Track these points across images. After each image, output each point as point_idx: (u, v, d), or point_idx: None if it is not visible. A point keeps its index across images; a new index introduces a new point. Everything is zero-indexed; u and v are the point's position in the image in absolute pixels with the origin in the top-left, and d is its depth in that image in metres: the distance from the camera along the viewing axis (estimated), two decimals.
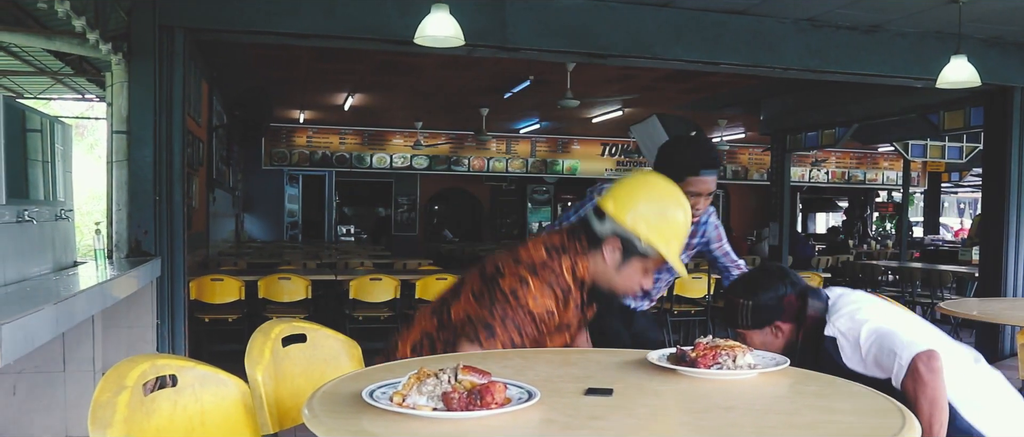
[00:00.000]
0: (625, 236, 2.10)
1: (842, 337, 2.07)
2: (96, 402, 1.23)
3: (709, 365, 1.60)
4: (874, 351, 1.98)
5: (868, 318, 2.06)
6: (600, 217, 2.14)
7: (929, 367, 1.86)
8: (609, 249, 2.12)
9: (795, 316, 2.21)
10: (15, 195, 3.35)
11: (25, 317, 2.22)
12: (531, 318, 2.05)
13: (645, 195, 2.14)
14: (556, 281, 2.09)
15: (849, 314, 2.10)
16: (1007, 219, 6.79)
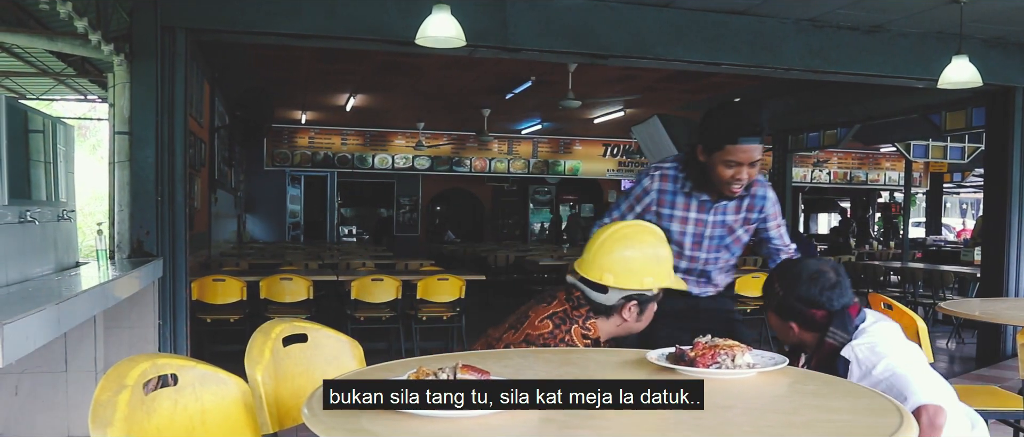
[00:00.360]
0: (640, 296, 2.19)
1: (856, 363, 2.05)
2: (97, 401, 1.23)
3: (708, 365, 1.60)
4: (883, 387, 1.94)
5: (888, 353, 2.02)
6: (600, 289, 2.18)
7: (932, 423, 1.86)
8: (627, 311, 2.19)
9: (815, 329, 2.18)
10: (17, 196, 3.36)
11: (27, 317, 2.23)
12: None
13: (633, 251, 2.19)
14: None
15: (871, 345, 2.05)
16: (1009, 220, 6.78)
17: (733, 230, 2.77)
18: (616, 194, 16.84)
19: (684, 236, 2.74)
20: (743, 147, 2.51)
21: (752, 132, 2.52)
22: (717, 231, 2.74)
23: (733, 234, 2.77)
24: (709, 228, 2.74)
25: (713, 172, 2.58)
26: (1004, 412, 3.04)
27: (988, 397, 3.20)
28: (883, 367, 1.98)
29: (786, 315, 2.21)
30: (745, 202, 2.75)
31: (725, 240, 2.77)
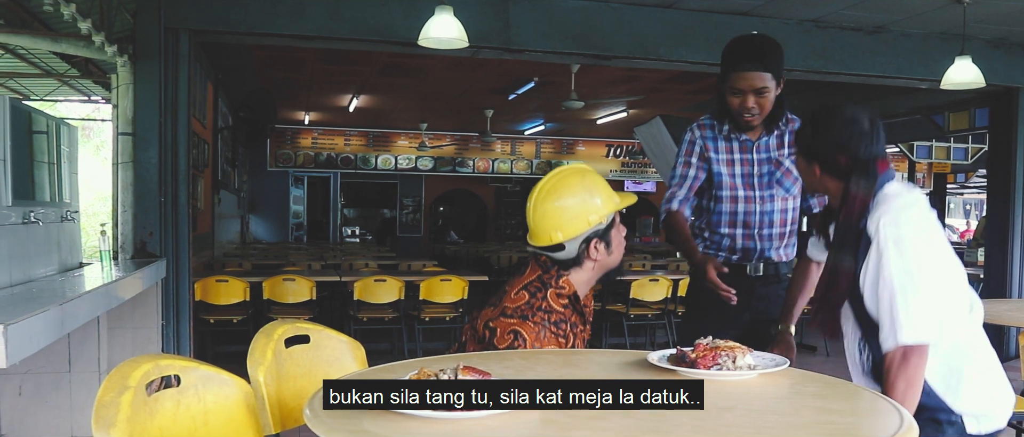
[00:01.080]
0: (595, 233, 2.13)
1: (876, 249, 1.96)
2: (100, 402, 1.24)
3: (709, 366, 1.60)
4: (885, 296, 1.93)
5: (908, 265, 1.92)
6: (558, 249, 2.14)
7: (915, 362, 1.88)
8: (594, 252, 2.15)
9: (839, 176, 2.08)
10: (21, 197, 3.38)
11: (31, 318, 2.24)
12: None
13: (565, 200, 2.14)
14: (548, 317, 2.10)
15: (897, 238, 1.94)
16: (1012, 221, 6.78)
17: (780, 163, 2.78)
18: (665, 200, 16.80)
19: (734, 178, 2.79)
20: (742, 75, 2.61)
21: (749, 58, 2.61)
22: (764, 168, 2.78)
23: (781, 167, 2.79)
24: (756, 166, 2.78)
25: (726, 104, 2.71)
26: None
27: None
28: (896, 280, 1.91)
29: (812, 156, 2.12)
30: (787, 137, 2.81)
31: (775, 175, 2.78)
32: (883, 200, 2.00)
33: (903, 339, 1.88)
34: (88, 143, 15.42)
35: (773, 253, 2.83)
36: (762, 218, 2.79)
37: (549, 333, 2.07)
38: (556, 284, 2.15)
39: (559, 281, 2.15)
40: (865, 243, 1.97)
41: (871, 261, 1.95)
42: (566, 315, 2.14)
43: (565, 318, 2.13)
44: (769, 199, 2.79)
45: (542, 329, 2.06)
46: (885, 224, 1.94)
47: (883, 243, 1.93)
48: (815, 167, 2.12)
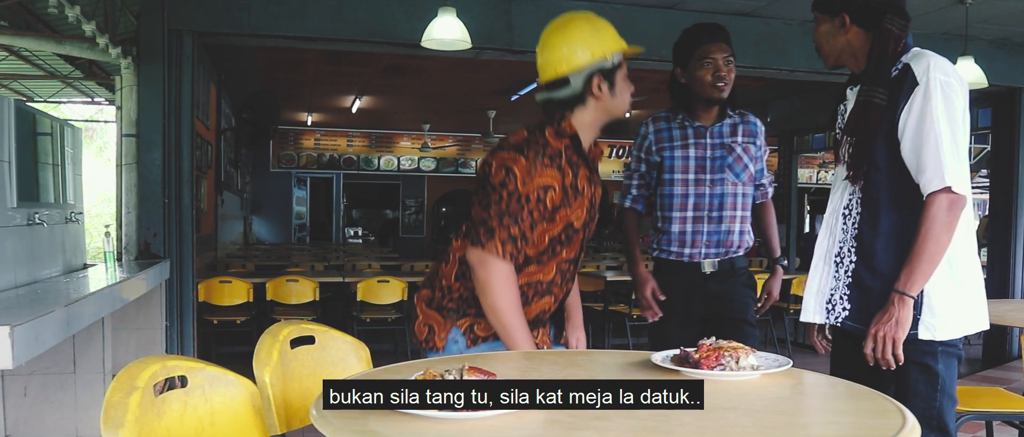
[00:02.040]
0: (600, 68, 2.12)
1: (923, 91, 1.93)
2: (108, 402, 1.25)
3: (713, 366, 1.61)
4: (925, 143, 1.90)
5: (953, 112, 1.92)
6: (563, 84, 2.13)
7: (956, 213, 1.89)
8: (597, 89, 2.12)
9: (869, 21, 2.05)
10: (26, 198, 3.39)
11: (37, 319, 2.25)
12: (526, 202, 2.02)
13: (575, 31, 2.17)
14: (543, 151, 2.07)
15: (945, 83, 1.93)
16: (1015, 221, 6.78)
17: (732, 149, 2.97)
18: (621, 195, 16.88)
19: (687, 161, 2.97)
20: (712, 46, 2.87)
21: (714, 32, 2.90)
22: (717, 152, 2.96)
23: (733, 153, 2.97)
24: (708, 150, 2.97)
25: (696, 84, 2.92)
26: (1009, 414, 3.04)
27: (993, 398, 3.20)
28: (942, 124, 1.90)
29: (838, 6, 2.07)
30: (740, 127, 3.01)
31: (727, 159, 2.96)
32: (923, 53, 1.98)
33: (949, 181, 1.88)
34: (91, 144, 15.45)
35: (724, 238, 2.98)
36: (711, 200, 2.96)
37: (542, 165, 2.04)
38: (557, 125, 2.13)
39: (561, 122, 2.13)
40: (909, 85, 1.95)
41: (916, 103, 1.93)
42: (568, 155, 2.11)
43: (558, 156, 2.09)
44: (719, 183, 2.96)
45: (535, 163, 2.04)
46: (934, 67, 1.93)
47: (931, 86, 1.91)
48: (843, 17, 2.07)
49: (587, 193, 2.17)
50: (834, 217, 2.11)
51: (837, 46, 2.12)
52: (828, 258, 2.11)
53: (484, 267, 2.03)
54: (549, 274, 2.17)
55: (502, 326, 2.05)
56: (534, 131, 2.12)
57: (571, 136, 2.13)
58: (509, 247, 2.02)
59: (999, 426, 3.57)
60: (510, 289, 2.04)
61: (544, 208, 2.05)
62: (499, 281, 2.03)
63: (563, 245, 2.16)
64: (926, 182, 1.91)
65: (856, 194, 2.06)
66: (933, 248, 1.87)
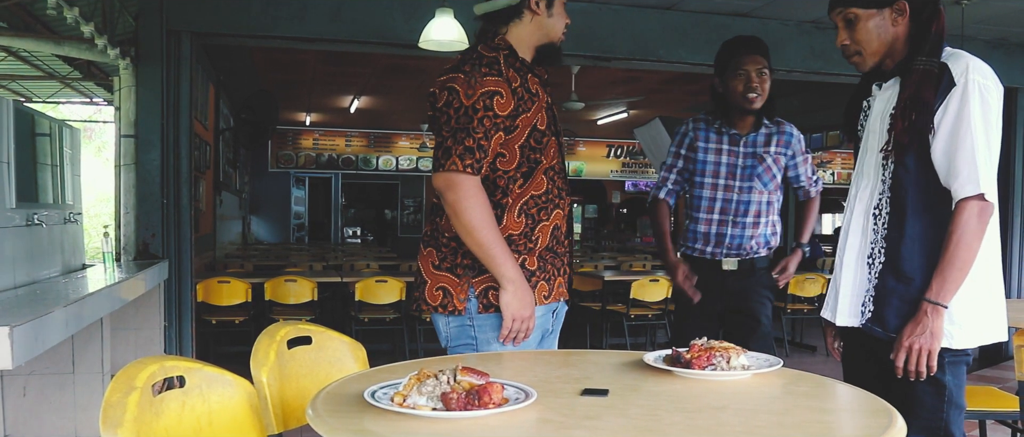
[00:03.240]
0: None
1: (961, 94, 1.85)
2: (107, 402, 1.27)
3: (704, 366, 1.63)
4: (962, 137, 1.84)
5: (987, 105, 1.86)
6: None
7: (986, 221, 1.85)
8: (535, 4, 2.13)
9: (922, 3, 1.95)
10: (25, 199, 3.40)
11: (36, 320, 2.27)
12: (474, 113, 2.00)
13: None
14: (478, 62, 2.06)
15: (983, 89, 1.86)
16: (1011, 220, 6.80)
17: (763, 159, 3.12)
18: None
19: (719, 167, 3.13)
20: (748, 57, 3.00)
21: (750, 46, 3.02)
22: (748, 161, 3.11)
23: (763, 163, 3.12)
24: (740, 158, 3.12)
25: (730, 94, 3.05)
26: (1002, 413, 3.06)
27: (987, 398, 3.22)
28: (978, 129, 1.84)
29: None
30: (774, 138, 3.15)
31: (756, 169, 3.11)
32: (960, 54, 1.92)
33: (983, 188, 1.83)
34: (89, 145, 15.46)
35: (746, 242, 3.13)
36: (738, 206, 3.10)
37: (480, 75, 2.02)
38: (491, 41, 2.15)
39: (494, 38, 2.15)
40: (946, 84, 1.87)
41: (953, 104, 1.86)
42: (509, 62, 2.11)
43: (495, 63, 2.07)
44: (747, 190, 3.11)
45: (473, 75, 2.03)
46: (973, 69, 1.87)
47: (970, 88, 1.85)
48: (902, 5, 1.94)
49: (543, 97, 2.17)
50: (866, 217, 2.04)
51: (887, 42, 1.98)
52: (861, 259, 2.04)
53: (449, 188, 2.01)
54: (541, 186, 2.15)
55: (478, 244, 2.01)
56: (469, 52, 2.14)
57: (507, 48, 2.14)
58: (468, 159, 1.99)
59: (992, 425, 3.59)
60: (479, 203, 2.00)
61: (494, 114, 2.02)
62: (465, 196, 1.99)
63: (537, 151, 2.13)
64: (959, 187, 1.86)
65: (886, 194, 1.99)
66: (966, 255, 1.83)
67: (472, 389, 1.33)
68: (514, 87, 2.08)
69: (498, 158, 2.08)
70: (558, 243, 2.23)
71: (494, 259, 2.00)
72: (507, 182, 2.09)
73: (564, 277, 2.27)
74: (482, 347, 2.13)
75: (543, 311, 2.18)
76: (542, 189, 2.16)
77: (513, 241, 2.11)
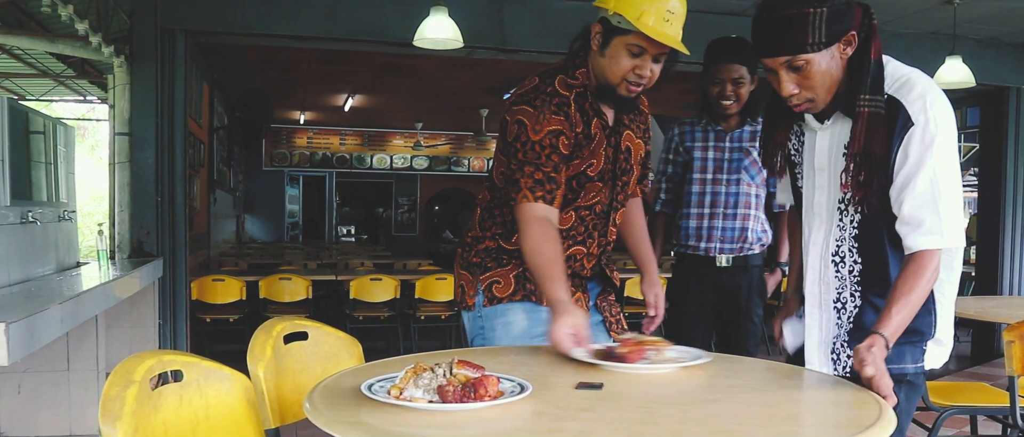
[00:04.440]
0: (605, 17, 2.04)
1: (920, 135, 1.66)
2: (106, 396, 1.28)
3: (637, 361, 1.66)
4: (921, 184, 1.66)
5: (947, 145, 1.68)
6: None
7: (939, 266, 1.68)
8: (594, 35, 2.08)
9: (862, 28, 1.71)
10: (19, 197, 3.40)
11: (31, 317, 2.28)
12: (541, 148, 2.03)
13: None
14: (549, 100, 2.07)
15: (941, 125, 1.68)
16: (1003, 219, 6.84)
17: (749, 153, 3.13)
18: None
19: (706, 161, 3.18)
20: (723, 66, 3.04)
21: (728, 53, 3.03)
22: (735, 155, 3.15)
23: (749, 156, 3.14)
24: (727, 153, 3.15)
25: (709, 95, 3.11)
26: (992, 408, 3.08)
27: (978, 394, 3.25)
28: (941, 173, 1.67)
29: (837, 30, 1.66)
30: (758, 135, 2.96)
31: (743, 162, 3.14)
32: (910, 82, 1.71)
33: (947, 243, 1.66)
34: (83, 143, 15.41)
35: (737, 235, 3.16)
36: (727, 198, 3.14)
37: (549, 112, 2.05)
38: (570, 73, 2.12)
39: (575, 71, 2.12)
40: (902, 124, 1.67)
41: (913, 148, 1.67)
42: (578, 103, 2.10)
43: (565, 105, 2.08)
44: (735, 183, 3.14)
45: (542, 111, 2.05)
46: (932, 104, 1.67)
47: (932, 129, 1.66)
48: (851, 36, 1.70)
49: (601, 140, 2.14)
50: (820, 261, 1.86)
51: (835, 78, 1.73)
52: (825, 306, 1.87)
53: (519, 216, 2.06)
54: (567, 222, 2.18)
55: (530, 267, 2.05)
56: (545, 78, 2.12)
57: (583, 86, 2.12)
58: (538, 191, 2.03)
59: (983, 421, 3.61)
60: (535, 229, 2.02)
61: (560, 151, 2.06)
62: (526, 222, 2.03)
63: (574, 192, 2.15)
64: (920, 238, 1.67)
65: (847, 240, 1.82)
66: (918, 302, 1.66)
67: (468, 382, 1.34)
68: (576, 132, 2.10)
69: None
70: (576, 275, 2.25)
71: (541, 282, 2.02)
72: None
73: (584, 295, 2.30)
74: (490, 339, 2.20)
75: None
76: (568, 224, 2.20)
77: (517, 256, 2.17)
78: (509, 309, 2.18)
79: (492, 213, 2.24)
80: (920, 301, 1.66)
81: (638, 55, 2.01)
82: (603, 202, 2.22)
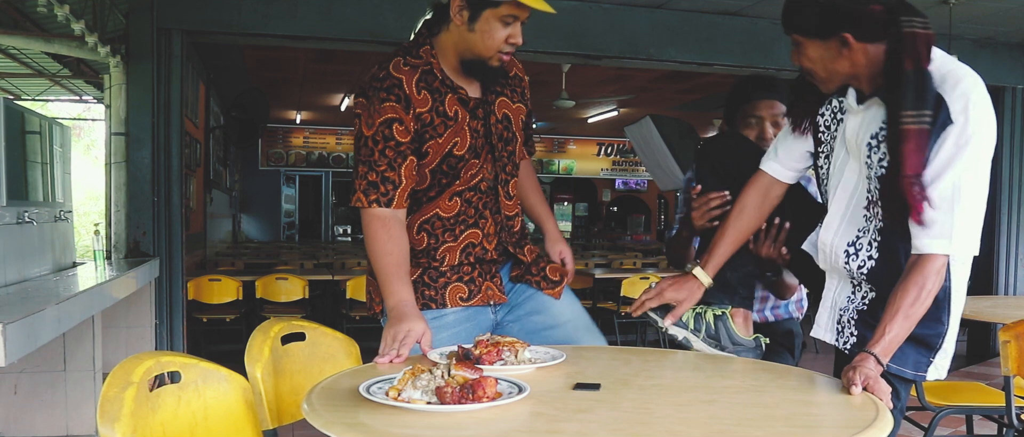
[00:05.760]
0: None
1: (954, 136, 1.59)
2: (104, 397, 1.28)
3: (494, 361, 1.64)
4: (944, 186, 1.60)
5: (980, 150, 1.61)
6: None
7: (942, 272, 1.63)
8: (455, 9, 1.93)
9: (877, 32, 1.63)
10: (15, 197, 3.40)
11: (28, 317, 2.28)
12: (374, 144, 1.94)
13: None
14: (380, 86, 1.95)
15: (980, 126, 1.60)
16: (998, 218, 6.86)
17: None
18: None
19: None
20: (760, 103, 2.53)
21: (766, 87, 2.55)
22: None
23: None
24: None
25: None
26: (988, 408, 3.09)
27: (973, 393, 3.26)
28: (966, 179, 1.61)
29: (831, 24, 1.65)
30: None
31: None
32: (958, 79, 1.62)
33: (955, 249, 1.62)
34: (78, 143, 15.38)
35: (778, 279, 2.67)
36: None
37: (379, 101, 1.93)
38: (413, 53, 1.99)
39: (420, 49, 1.99)
40: (941, 121, 1.60)
41: (946, 147, 1.60)
42: (426, 81, 1.98)
43: (396, 87, 1.95)
44: None
45: (373, 102, 1.94)
46: (975, 106, 1.60)
47: (970, 134, 1.59)
48: (844, 36, 1.65)
49: (462, 117, 2.02)
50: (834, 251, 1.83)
51: (840, 69, 1.71)
52: (843, 279, 1.85)
53: (362, 219, 1.99)
54: (452, 209, 2.08)
55: (375, 270, 1.97)
56: (381, 64, 2.00)
57: (428, 63, 1.99)
58: (372, 194, 1.95)
59: (979, 420, 3.63)
60: (377, 230, 1.94)
61: (395, 143, 1.94)
62: (367, 225, 1.97)
63: (448, 176, 2.04)
64: (929, 241, 1.62)
65: (868, 232, 1.78)
66: (917, 316, 1.62)
67: (466, 383, 1.34)
68: (418, 112, 1.97)
69: None
70: (480, 260, 2.14)
71: (383, 283, 1.94)
72: (412, 202, 2.05)
73: (495, 280, 2.16)
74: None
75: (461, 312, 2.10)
76: (453, 211, 2.09)
77: (415, 255, 2.07)
78: None
79: None
80: (919, 314, 1.61)
81: (511, 24, 1.97)
82: (487, 178, 2.10)
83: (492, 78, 2.05)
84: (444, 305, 2.07)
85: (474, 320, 2.12)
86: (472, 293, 2.10)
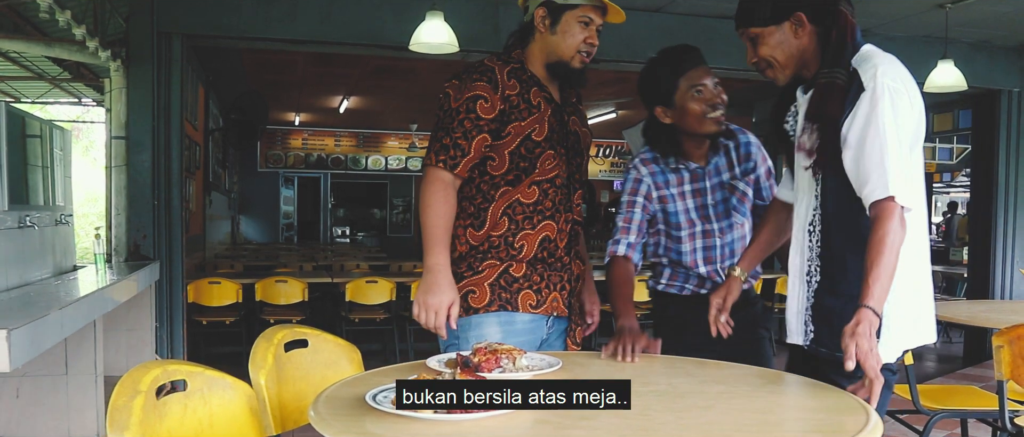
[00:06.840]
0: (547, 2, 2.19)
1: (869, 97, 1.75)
2: (114, 406, 1.30)
3: (492, 369, 1.66)
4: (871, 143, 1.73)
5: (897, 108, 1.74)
6: (524, 12, 2.25)
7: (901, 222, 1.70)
8: (540, 19, 2.20)
9: (823, 15, 1.89)
10: (16, 201, 3.42)
11: (33, 323, 2.29)
12: (456, 114, 2.12)
13: None
14: (475, 70, 2.16)
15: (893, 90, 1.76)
16: (995, 222, 6.88)
17: (735, 188, 2.55)
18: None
19: (690, 213, 2.53)
20: (697, 70, 2.38)
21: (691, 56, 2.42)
22: (719, 195, 2.54)
23: (736, 192, 2.55)
24: (709, 195, 2.53)
25: (685, 118, 2.39)
26: (982, 411, 3.12)
27: (968, 396, 3.29)
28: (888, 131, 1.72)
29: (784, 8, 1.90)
30: (733, 154, 2.56)
31: (731, 201, 2.55)
32: (870, 56, 1.82)
33: (893, 190, 1.69)
34: (77, 145, 15.38)
35: None
36: (723, 250, 2.55)
37: (471, 81, 2.13)
38: (506, 56, 2.23)
39: (511, 52, 2.24)
40: (855, 90, 1.77)
41: (862, 109, 1.76)
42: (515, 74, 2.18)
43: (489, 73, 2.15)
44: (728, 229, 2.55)
45: (466, 81, 2.14)
46: (883, 73, 1.76)
47: (879, 91, 1.75)
48: (799, 16, 1.89)
49: (546, 110, 2.20)
50: (801, 233, 1.94)
51: (794, 54, 1.91)
52: (800, 276, 1.94)
53: (424, 177, 2.16)
54: (532, 196, 2.20)
55: (423, 226, 2.13)
56: (482, 60, 2.22)
57: (518, 62, 2.22)
58: (441, 155, 2.12)
59: (974, 424, 3.65)
60: (436, 193, 2.12)
61: (475, 117, 2.12)
62: (428, 185, 2.14)
63: (527, 160, 2.17)
64: (869, 192, 1.72)
65: (817, 210, 1.89)
66: (888, 260, 1.67)
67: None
68: (507, 94, 2.14)
69: (487, 162, 2.17)
70: (553, 257, 2.24)
71: (426, 241, 2.11)
72: (490, 187, 2.18)
73: (562, 293, 2.29)
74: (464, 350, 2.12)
75: (529, 319, 2.21)
76: (532, 198, 2.20)
77: (493, 243, 2.18)
78: (484, 321, 2.17)
79: (461, 205, 2.20)
80: (891, 260, 1.67)
81: (588, 25, 2.22)
82: (561, 175, 2.24)
83: (573, 81, 2.28)
84: (516, 309, 2.20)
85: (534, 332, 2.26)
86: (539, 302, 2.24)
